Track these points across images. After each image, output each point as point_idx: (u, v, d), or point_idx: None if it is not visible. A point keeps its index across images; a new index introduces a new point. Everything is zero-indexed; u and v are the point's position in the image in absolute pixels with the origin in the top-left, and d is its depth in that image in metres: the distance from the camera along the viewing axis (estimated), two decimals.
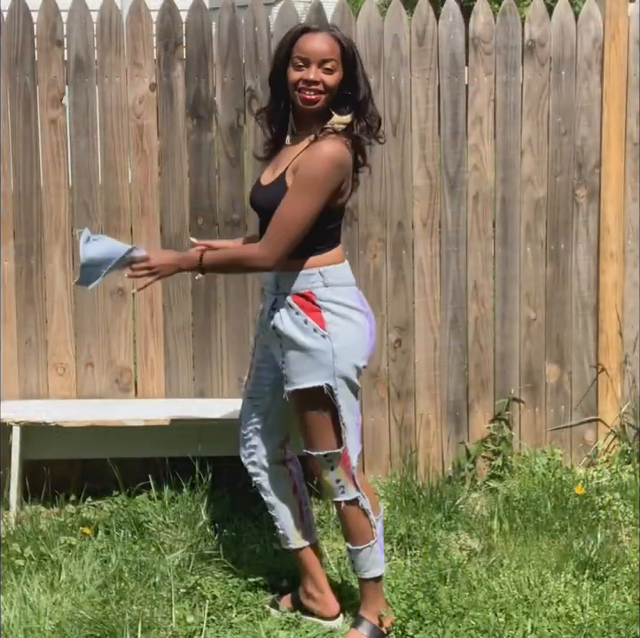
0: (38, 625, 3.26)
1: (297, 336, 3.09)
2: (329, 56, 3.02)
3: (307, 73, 3.01)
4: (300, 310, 3.09)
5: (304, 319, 3.09)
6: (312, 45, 3.02)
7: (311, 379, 3.10)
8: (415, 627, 3.23)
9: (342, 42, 3.06)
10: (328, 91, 3.03)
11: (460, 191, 4.35)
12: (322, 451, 3.16)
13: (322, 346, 3.08)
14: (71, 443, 4.16)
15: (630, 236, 4.49)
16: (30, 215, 4.19)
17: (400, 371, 4.40)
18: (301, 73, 3.02)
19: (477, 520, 4.04)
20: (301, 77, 3.01)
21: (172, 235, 4.25)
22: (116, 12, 4.14)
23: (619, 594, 3.47)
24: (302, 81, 3.02)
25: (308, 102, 3.03)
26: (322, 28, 3.09)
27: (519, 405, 4.50)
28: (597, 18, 4.38)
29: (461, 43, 4.28)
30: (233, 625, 3.30)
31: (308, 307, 3.09)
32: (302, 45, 3.02)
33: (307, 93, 3.02)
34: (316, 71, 3.01)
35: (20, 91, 4.13)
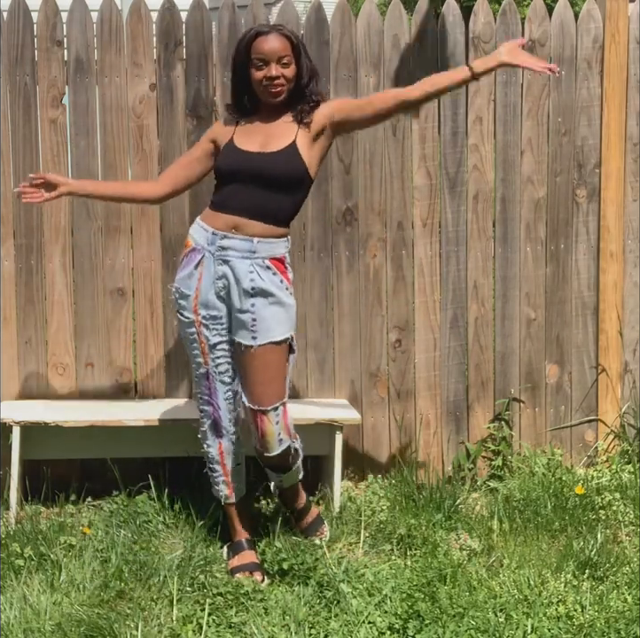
0: (38, 625, 3.26)
1: (277, 292, 3.52)
2: (283, 52, 3.45)
3: (268, 71, 3.45)
4: (276, 271, 3.53)
5: (280, 279, 3.53)
6: (267, 46, 3.44)
7: (284, 332, 3.53)
8: (415, 627, 3.23)
9: (291, 37, 3.49)
10: (288, 82, 3.48)
11: (460, 191, 4.35)
12: (275, 403, 3.53)
13: (292, 302, 3.56)
14: (71, 443, 4.15)
15: (630, 236, 4.50)
16: (30, 215, 4.19)
17: (400, 371, 4.40)
18: (263, 71, 3.45)
19: (477, 520, 4.03)
20: (264, 75, 3.45)
21: (172, 235, 4.25)
22: (116, 12, 4.14)
23: (619, 594, 3.47)
24: (265, 78, 3.45)
25: (274, 95, 3.48)
26: (271, 29, 3.50)
27: (519, 405, 4.50)
28: (597, 18, 4.38)
29: (461, 43, 4.28)
30: (233, 625, 3.30)
31: (281, 269, 3.54)
32: (259, 47, 3.45)
33: (271, 88, 3.46)
34: (276, 67, 3.44)
35: (20, 91, 4.13)
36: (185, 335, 3.66)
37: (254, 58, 3.45)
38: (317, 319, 4.33)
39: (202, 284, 3.55)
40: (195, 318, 3.58)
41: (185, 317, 3.61)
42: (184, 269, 3.60)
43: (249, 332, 3.52)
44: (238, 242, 3.51)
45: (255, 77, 3.47)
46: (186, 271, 3.59)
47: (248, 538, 3.74)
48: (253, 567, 3.62)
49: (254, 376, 3.53)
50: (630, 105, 4.43)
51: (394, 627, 3.26)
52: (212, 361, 3.60)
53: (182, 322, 3.65)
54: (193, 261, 3.57)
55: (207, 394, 3.64)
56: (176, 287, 3.62)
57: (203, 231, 3.57)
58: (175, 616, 3.34)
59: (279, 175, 3.48)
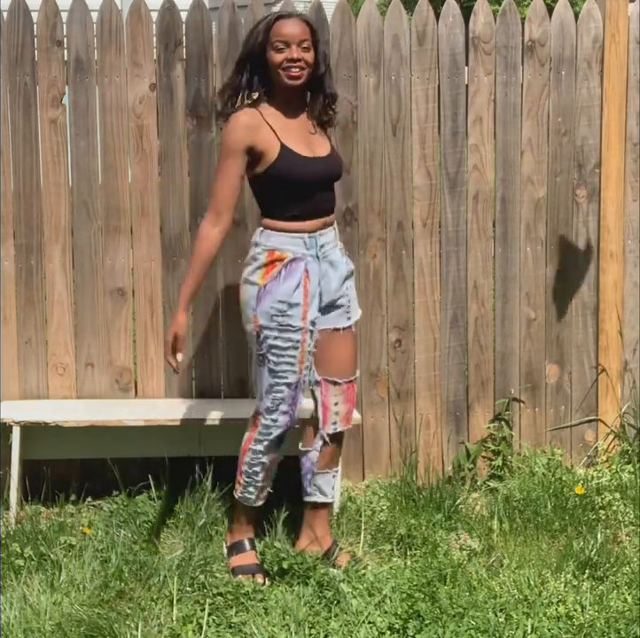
0: (38, 625, 3.26)
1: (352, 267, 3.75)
2: (304, 36, 3.45)
3: (290, 53, 3.42)
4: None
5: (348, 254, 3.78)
6: (289, 28, 3.44)
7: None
8: (415, 627, 3.23)
9: (311, 24, 3.50)
10: (308, 66, 3.47)
11: (460, 191, 4.35)
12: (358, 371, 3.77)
13: None
14: (71, 443, 4.15)
15: (630, 236, 4.49)
16: (30, 215, 4.19)
17: (400, 371, 4.40)
18: (284, 54, 3.43)
19: (477, 520, 4.03)
20: (285, 57, 3.42)
21: (172, 235, 4.25)
22: (116, 12, 4.14)
23: (619, 594, 3.47)
24: (286, 60, 3.42)
25: (295, 78, 3.45)
26: (292, 14, 3.51)
27: (519, 405, 4.50)
28: (597, 18, 4.38)
29: (461, 43, 4.28)
30: (233, 625, 3.30)
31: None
32: (280, 30, 3.43)
33: (292, 70, 3.44)
34: (297, 50, 3.43)
35: (20, 91, 4.12)
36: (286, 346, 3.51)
37: (275, 41, 3.42)
38: None
39: (310, 291, 3.52)
40: (304, 325, 3.52)
41: (293, 326, 3.50)
42: (288, 280, 3.49)
43: (344, 314, 3.65)
44: (329, 234, 3.61)
45: (275, 60, 3.43)
46: (293, 281, 3.49)
47: (251, 538, 3.74)
48: (255, 569, 3.62)
49: (348, 352, 3.68)
50: (630, 105, 4.43)
51: (394, 627, 3.26)
52: (305, 368, 3.57)
53: (285, 333, 3.51)
54: (298, 270, 3.50)
55: (290, 404, 3.56)
56: (281, 301, 3.49)
57: (296, 239, 3.52)
58: (175, 616, 3.34)
59: (340, 176, 3.69)
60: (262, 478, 3.66)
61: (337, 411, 3.66)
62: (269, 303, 3.50)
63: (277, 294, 3.50)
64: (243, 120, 3.48)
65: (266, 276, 3.51)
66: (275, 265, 3.51)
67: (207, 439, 4.11)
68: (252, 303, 3.53)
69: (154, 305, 4.27)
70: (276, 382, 3.55)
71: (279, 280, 3.50)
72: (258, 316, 3.52)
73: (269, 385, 3.56)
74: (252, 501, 3.70)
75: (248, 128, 3.46)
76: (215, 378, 4.33)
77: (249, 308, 3.55)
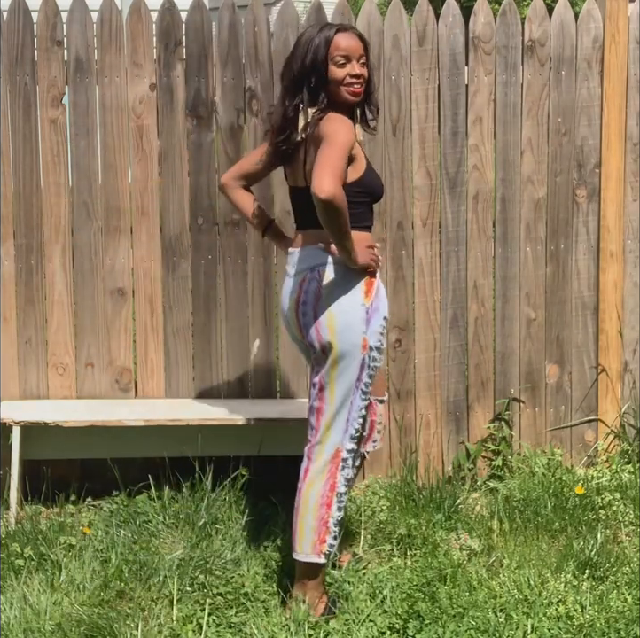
0: (38, 625, 3.26)
1: None
2: (361, 51, 3.32)
3: (351, 69, 3.28)
4: None
5: None
6: (350, 43, 3.29)
7: None
8: (415, 627, 3.23)
9: (364, 38, 3.37)
10: (365, 82, 3.34)
11: (460, 191, 4.35)
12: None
13: None
14: (71, 443, 4.16)
15: (630, 236, 4.49)
16: (30, 215, 4.19)
17: (400, 371, 4.40)
18: (346, 69, 3.28)
19: (477, 520, 4.04)
20: (347, 73, 3.28)
21: (172, 235, 4.25)
22: (116, 12, 4.14)
23: (619, 594, 3.47)
24: (349, 76, 3.28)
25: (356, 94, 3.31)
26: (348, 28, 3.37)
27: (519, 405, 4.50)
28: (597, 18, 4.38)
29: (461, 43, 4.28)
30: (233, 625, 3.30)
31: None
32: (341, 44, 3.28)
33: (354, 86, 3.30)
34: (358, 65, 3.30)
35: (20, 91, 4.13)
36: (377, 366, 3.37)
37: (336, 55, 3.25)
38: None
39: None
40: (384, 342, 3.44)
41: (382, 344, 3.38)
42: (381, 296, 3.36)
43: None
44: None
45: (337, 75, 3.26)
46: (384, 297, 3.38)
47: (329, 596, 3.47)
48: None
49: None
50: (630, 105, 4.43)
51: (394, 627, 3.26)
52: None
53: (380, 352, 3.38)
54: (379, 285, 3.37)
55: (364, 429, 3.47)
56: (385, 317, 3.37)
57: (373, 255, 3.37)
58: (175, 616, 3.34)
59: None
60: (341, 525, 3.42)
61: (379, 430, 3.63)
62: (378, 322, 3.33)
63: (383, 311, 3.34)
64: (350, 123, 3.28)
65: (369, 293, 3.30)
66: (372, 281, 3.32)
67: (207, 439, 4.11)
68: (361, 327, 3.27)
69: (154, 305, 4.27)
70: (363, 406, 3.35)
71: (378, 296, 3.34)
72: (368, 338, 3.29)
73: (358, 409, 3.33)
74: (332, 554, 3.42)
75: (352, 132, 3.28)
76: (215, 378, 4.33)
77: (356, 334, 3.27)
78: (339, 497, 3.33)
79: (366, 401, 3.38)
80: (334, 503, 3.33)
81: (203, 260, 4.27)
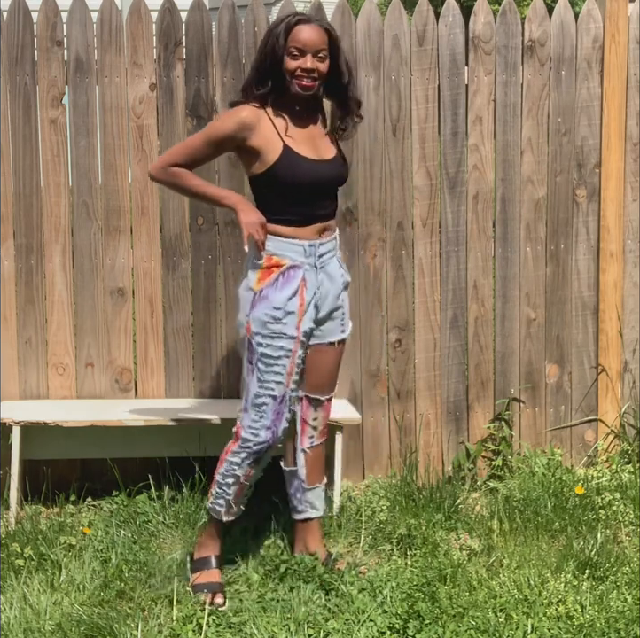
0: (38, 625, 3.26)
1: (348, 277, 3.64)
2: (321, 46, 3.32)
3: (303, 62, 3.30)
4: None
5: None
6: (308, 36, 3.31)
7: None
8: (415, 627, 3.23)
9: (331, 31, 3.38)
10: (321, 78, 3.35)
11: (460, 191, 4.35)
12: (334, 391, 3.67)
13: None
14: (71, 443, 4.16)
15: (630, 236, 4.49)
16: (30, 215, 4.19)
17: (400, 371, 4.40)
18: (298, 62, 3.31)
19: (477, 520, 4.03)
20: (299, 66, 3.31)
21: (172, 235, 4.25)
22: (116, 12, 4.14)
23: (619, 594, 3.47)
24: (300, 69, 3.31)
25: (306, 88, 3.34)
26: (313, 20, 3.38)
27: (519, 405, 4.50)
28: (597, 18, 4.38)
29: (461, 43, 4.28)
30: (233, 625, 3.30)
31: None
32: (298, 36, 3.30)
33: (304, 80, 3.33)
34: (312, 60, 3.31)
35: (20, 91, 4.13)
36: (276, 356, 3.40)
37: (291, 46, 3.29)
38: None
39: (306, 300, 3.41)
40: (297, 334, 3.41)
41: (286, 335, 3.39)
42: (286, 288, 3.39)
43: (339, 327, 3.58)
44: (329, 244, 3.50)
45: (289, 66, 3.31)
46: (290, 290, 3.39)
47: (218, 555, 3.58)
48: (218, 587, 3.47)
49: (334, 367, 3.62)
50: (630, 105, 4.43)
51: (394, 627, 3.26)
52: (293, 382, 3.45)
53: (277, 340, 3.40)
54: (296, 278, 3.40)
55: (272, 419, 3.42)
56: (277, 308, 3.38)
57: (296, 246, 3.40)
58: (175, 616, 3.34)
59: (345, 180, 3.60)
60: (234, 492, 3.49)
61: (315, 426, 3.62)
62: (264, 310, 3.39)
63: (273, 301, 3.39)
64: (242, 115, 3.35)
65: (262, 281, 3.40)
66: (272, 271, 3.40)
67: (207, 439, 4.11)
68: (246, 308, 3.42)
69: (154, 305, 4.27)
70: (261, 392, 3.41)
71: (276, 287, 3.39)
72: (251, 323, 3.41)
73: (255, 395, 3.42)
74: (220, 514, 3.53)
75: (243, 124, 3.34)
76: (215, 378, 4.33)
77: (243, 314, 3.44)
78: (228, 465, 3.47)
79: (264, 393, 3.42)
80: (223, 466, 3.49)
81: (203, 260, 4.27)
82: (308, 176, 3.38)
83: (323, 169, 3.43)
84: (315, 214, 3.44)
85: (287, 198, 3.40)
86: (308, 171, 3.38)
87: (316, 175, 3.40)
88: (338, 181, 3.53)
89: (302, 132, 3.42)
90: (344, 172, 3.56)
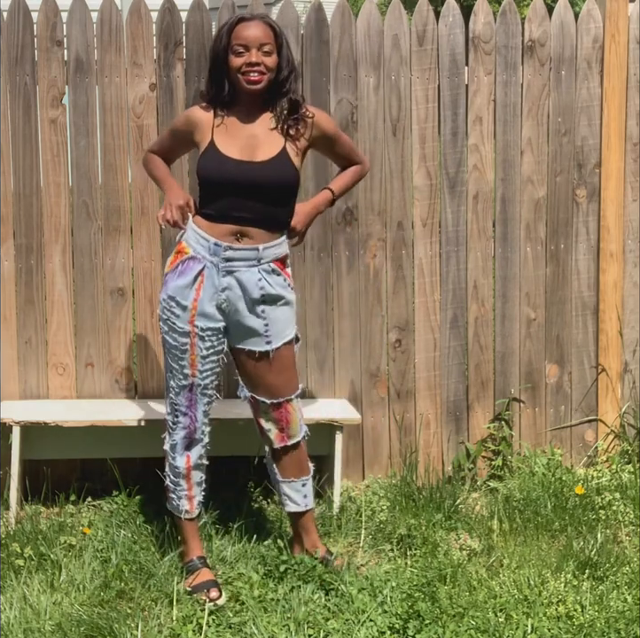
0: (38, 625, 3.26)
1: (284, 294, 3.49)
2: (265, 40, 3.35)
3: (248, 57, 3.34)
4: (280, 271, 3.49)
5: (283, 278, 3.50)
6: (249, 32, 3.35)
7: (293, 328, 3.56)
8: (415, 627, 3.23)
9: (274, 27, 3.41)
10: (269, 71, 3.37)
11: (460, 191, 4.35)
12: (297, 391, 3.59)
13: (294, 297, 3.56)
14: (71, 443, 4.15)
15: (630, 236, 4.50)
16: (30, 215, 4.19)
17: (400, 371, 4.40)
18: (243, 58, 3.35)
19: (477, 520, 4.03)
20: (244, 61, 3.34)
21: (172, 235, 4.24)
22: (116, 12, 4.14)
23: (619, 594, 3.47)
24: (245, 64, 3.34)
25: (253, 82, 3.36)
26: (254, 17, 3.43)
27: (519, 405, 4.50)
28: (597, 18, 4.38)
29: (461, 43, 4.28)
30: (233, 625, 3.30)
31: (281, 268, 3.50)
32: (240, 33, 3.35)
33: (251, 75, 3.35)
34: (257, 54, 3.34)
35: (20, 91, 4.12)
36: (174, 345, 3.48)
37: (235, 44, 3.34)
38: (317, 319, 4.33)
39: (202, 296, 3.41)
40: (191, 329, 3.44)
41: (179, 327, 3.45)
42: (181, 278, 3.43)
43: (262, 338, 3.49)
44: (245, 252, 3.41)
45: (234, 64, 3.35)
46: (184, 281, 3.42)
47: (200, 555, 3.60)
48: (210, 584, 3.47)
49: (273, 377, 3.54)
50: (630, 105, 4.43)
51: (394, 627, 3.26)
52: (199, 372, 3.49)
53: (172, 331, 3.47)
54: (192, 271, 3.42)
55: (187, 406, 3.51)
56: (171, 296, 3.44)
57: (203, 240, 3.41)
58: (175, 616, 3.34)
59: (275, 186, 3.41)
60: (184, 486, 3.57)
61: (269, 429, 3.60)
62: (164, 294, 3.48)
63: (169, 288, 3.45)
64: (190, 111, 3.55)
65: (170, 265, 3.49)
66: (177, 257, 3.47)
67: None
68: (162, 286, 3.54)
69: (154, 305, 4.27)
70: (169, 379, 3.54)
71: (175, 273, 3.45)
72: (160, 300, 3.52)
73: (166, 382, 3.57)
74: (179, 510, 3.58)
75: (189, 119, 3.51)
76: None
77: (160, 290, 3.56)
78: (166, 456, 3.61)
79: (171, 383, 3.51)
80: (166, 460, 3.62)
81: None
82: (219, 174, 3.40)
83: (242, 170, 3.37)
84: (227, 215, 3.40)
85: (204, 193, 3.47)
86: (220, 169, 3.39)
87: (229, 174, 3.38)
88: (263, 184, 3.38)
89: (242, 131, 3.42)
90: (274, 176, 3.40)
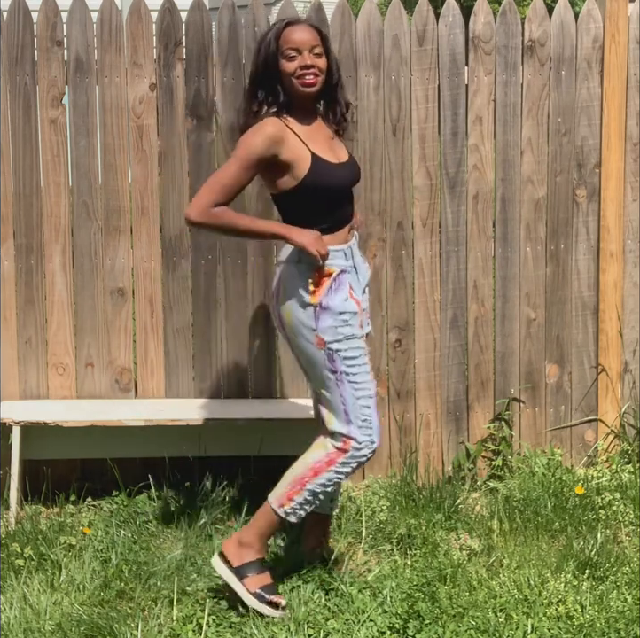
0: (38, 625, 3.26)
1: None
2: (315, 42, 3.31)
3: (302, 60, 3.28)
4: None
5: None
6: (300, 35, 3.30)
7: None
8: (415, 627, 3.23)
9: (320, 30, 3.38)
10: (322, 73, 3.33)
11: (460, 191, 4.35)
12: None
13: None
14: (71, 443, 4.16)
15: (630, 236, 4.49)
16: (30, 215, 4.19)
17: (400, 371, 4.40)
18: (297, 61, 3.29)
19: (477, 520, 4.04)
20: (298, 65, 3.29)
21: (172, 235, 4.25)
22: (116, 12, 4.14)
23: (619, 594, 3.47)
24: (300, 67, 3.29)
25: (309, 85, 3.31)
26: (300, 20, 3.42)
27: (519, 405, 4.50)
28: (597, 18, 4.38)
29: (461, 43, 4.28)
30: (233, 625, 3.30)
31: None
32: (290, 37, 3.30)
33: (306, 77, 3.30)
34: (310, 56, 3.29)
35: (20, 91, 4.13)
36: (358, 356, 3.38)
37: (286, 49, 3.27)
38: None
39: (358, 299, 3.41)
40: (362, 333, 3.42)
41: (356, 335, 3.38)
42: (340, 293, 3.36)
43: (366, 320, 3.50)
44: (356, 243, 3.50)
45: (288, 68, 3.28)
46: (344, 294, 3.36)
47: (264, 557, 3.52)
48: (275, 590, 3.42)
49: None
50: (630, 105, 4.43)
51: (394, 627, 3.26)
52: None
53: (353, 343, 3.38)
54: (345, 282, 3.38)
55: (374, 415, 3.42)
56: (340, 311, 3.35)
57: (337, 252, 3.37)
58: (175, 616, 3.34)
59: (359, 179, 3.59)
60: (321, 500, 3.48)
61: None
62: (330, 318, 3.34)
63: (335, 308, 3.34)
64: (268, 131, 3.28)
65: (316, 294, 3.34)
66: (323, 281, 3.35)
67: (207, 439, 4.11)
68: (310, 324, 3.34)
69: (154, 305, 4.27)
70: (361, 395, 3.37)
71: (331, 294, 3.35)
72: (321, 335, 3.34)
73: (355, 402, 3.37)
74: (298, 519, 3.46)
75: (272, 140, 3.27)
76: (215, 378, 4.33)
77: (307, 330, 3.35)
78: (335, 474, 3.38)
79: (363, 395, 3.37)
80: (323, 477, 3.37)
81: (203, 260, 4.27)
82: (337, 182, 3.37)
83: (345, 172, 3.42)
84: (344, 218, 3.44)
85: (322, 207, 3.36)
86: (335, 177, 3.36)
87: (342, 179, 3.40)
88: (357, 181, 3.54)
89: (319, 135, 3.39)
90: (359, 172, 3.57)
